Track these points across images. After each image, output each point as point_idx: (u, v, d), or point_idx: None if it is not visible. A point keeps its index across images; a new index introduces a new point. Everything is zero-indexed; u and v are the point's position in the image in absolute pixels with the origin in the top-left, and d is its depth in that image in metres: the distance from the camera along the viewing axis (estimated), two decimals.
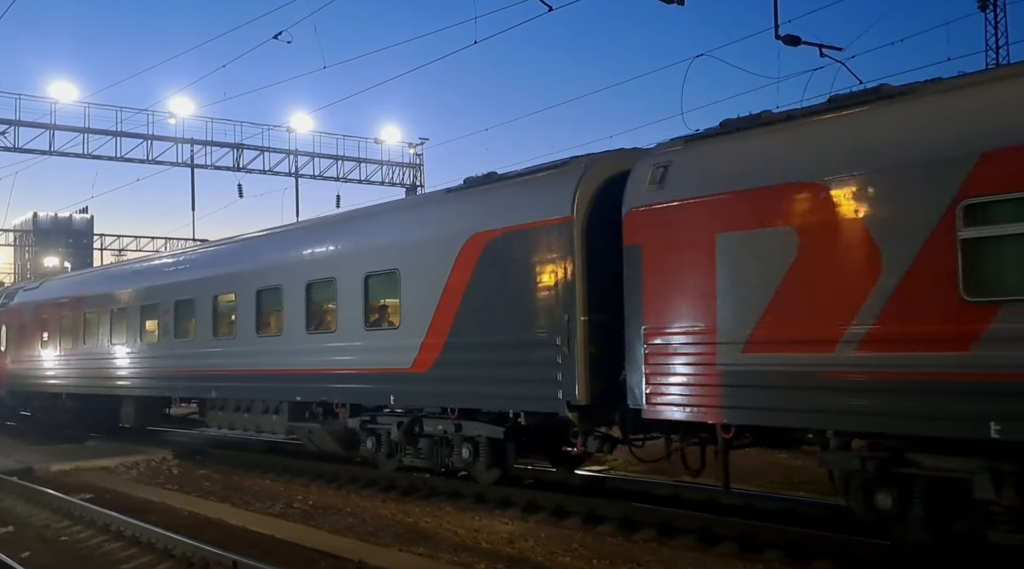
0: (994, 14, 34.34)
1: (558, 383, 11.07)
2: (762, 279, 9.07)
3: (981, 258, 7.59)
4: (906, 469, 8.37)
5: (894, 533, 8.68)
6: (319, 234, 16.16)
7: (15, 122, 33.03)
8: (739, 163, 9.65)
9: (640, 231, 10.31)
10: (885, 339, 8.11)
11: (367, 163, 41.50)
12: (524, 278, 11.65)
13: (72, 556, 10.47)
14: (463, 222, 12.72)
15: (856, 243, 8.37)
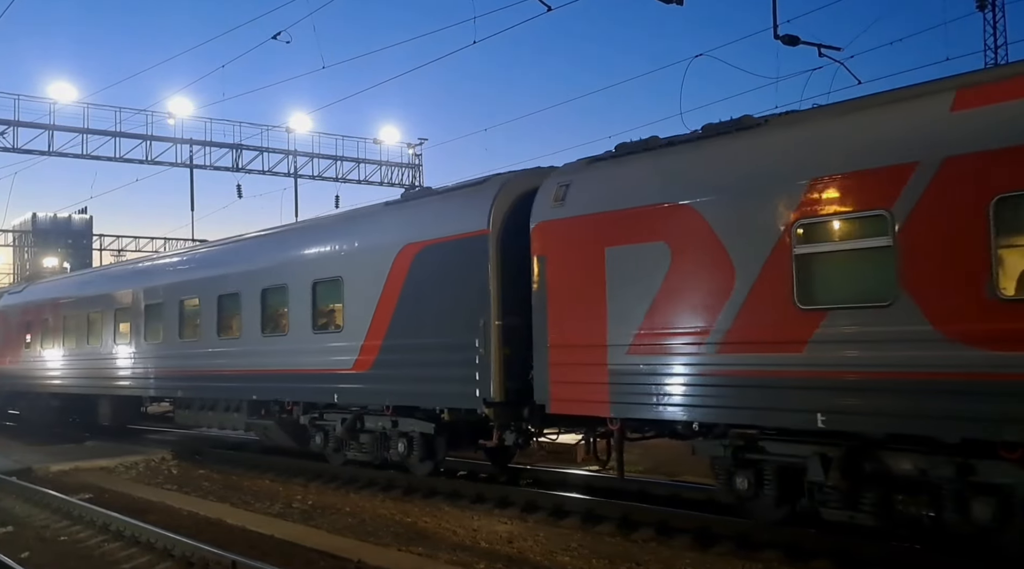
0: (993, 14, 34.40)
1: (476, 382, 12.18)
2: (643, 288, 10.30)
3: (811, 271, 8.87)
4: (757, 455, 9.59)
5: (751, 512, 9.94)
6: (273, 244, 17.26)
7: (14, 122, 33.03)
8: (625, 184, 10.91)
9: (545, 243, 11.54)
10: (739, 341, 9.38)
11: (366, 163, 41.51)
12: (448, 285, 12.79)
13: (72, 556, 10.47)
14: (396, 234, 13.89)
15: (715, 258, 9.60)
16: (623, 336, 10.50)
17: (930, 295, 7.98)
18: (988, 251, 7.62)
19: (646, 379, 10.29)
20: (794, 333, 8.86)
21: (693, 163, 10.34)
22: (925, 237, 8.05)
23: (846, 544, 9.06)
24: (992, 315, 7.56)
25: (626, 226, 10.57)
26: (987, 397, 7.55)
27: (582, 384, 10.99)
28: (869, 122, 8.92)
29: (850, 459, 8.68)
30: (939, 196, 7.97)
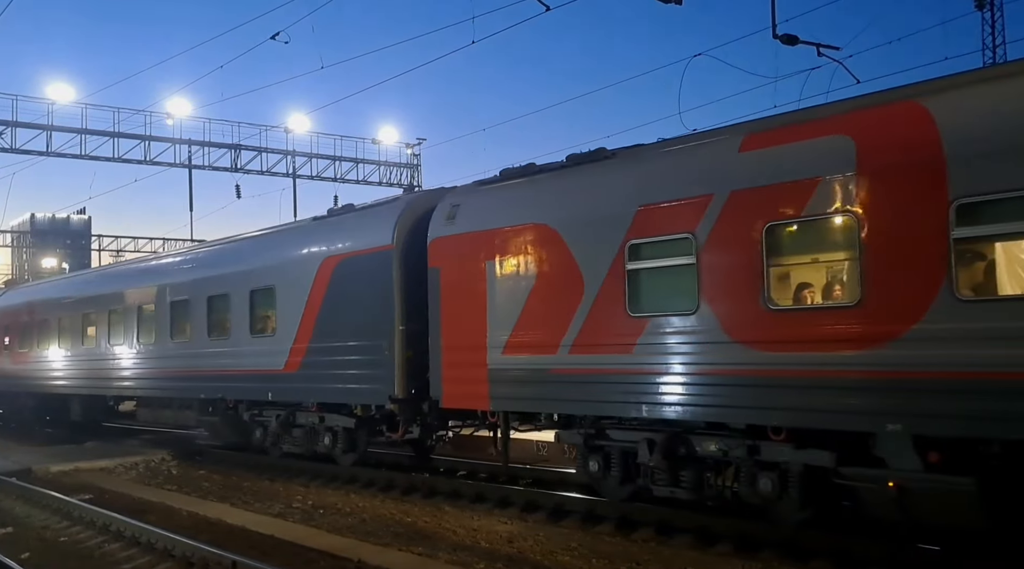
0: (991, 13, 34.42)
1: (383, 381, 13.73)
2: (515, 297, 11.88)
3: (638, 285, 10.50)
4: (603, 442, 11.28)
5: (602, 491, 11.57)
6: (218, 255, 19.02)
7: (12, 123, 32.99)
8: (503, 206, 12.55)
9: (439, 257, 13.05)
10: (586, 344, 10.96)
11: (365, 163, 41.48)
12: (360, 294, 14.24)
13: (72, 556, 10.48)
14: (319, 247, 15.40)
15: (569, 272, 11.21)
16: (499, 339, 12.08)
17: (722, 305, 9.63)
18: (762, 269, 9.22)
19: (517, 377, 11.90)
20: (626, 337, 10.51)
21: (555, 190, 11.98)
22: (718, 257, 9.71)
23: (846, 543, 9.09)
24: (765, 322, 9.20)
25: (504, 243, 12.15)
26: (761, 389, 9.26)
27: (468, 382, 12.51)
28: (682, 159, 10.72)
29: (669, 443, 10.36)
30: (727, 223, 9.60)
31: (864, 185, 8.53)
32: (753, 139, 9.79)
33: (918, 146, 8.27)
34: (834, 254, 9.26)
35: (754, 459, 9.60)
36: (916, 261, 8.14)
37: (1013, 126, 7.72)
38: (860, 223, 8.52)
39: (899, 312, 8.22)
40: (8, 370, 26.83)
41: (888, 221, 8.36)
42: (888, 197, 8.38)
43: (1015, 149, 7.57)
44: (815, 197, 8.86)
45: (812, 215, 8.97)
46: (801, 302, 9.36)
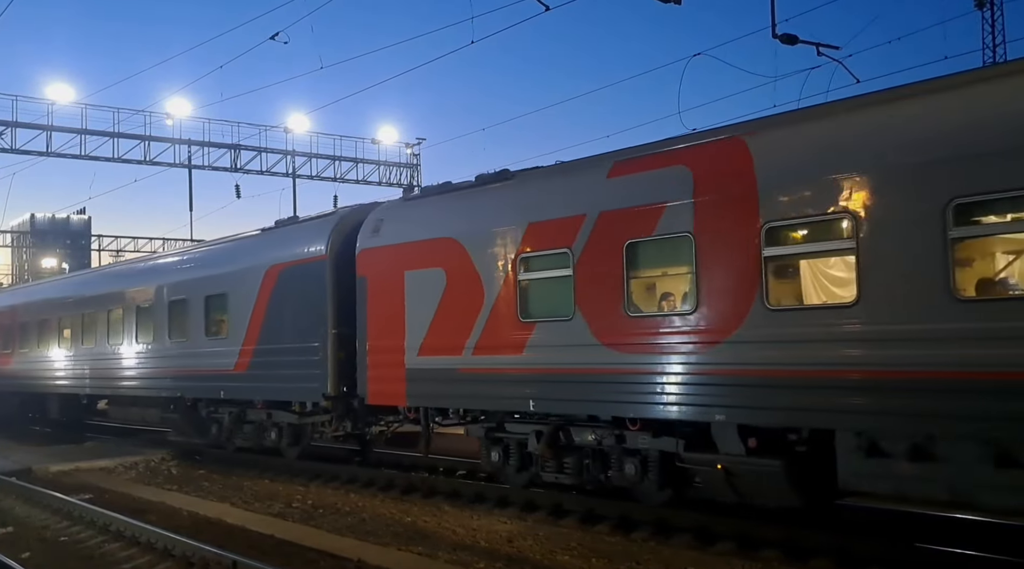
0: (991, 12, 34.42)
1: (318, 379, 14.93)
2: (428, 304, 13.06)
3: (528, 293, 11.84)
4: (502, 434, 12.59)
5: (504, 479, 12.87)
6: (179, 263, 20.51)
7: (12, 123, 32.96)
8: (420, 221, 13.82)
9: (365, 266, 14.26)
10: (486, 346, 12.23)
11: (364, 163, 41.44)
12: (299, 300, 15.50)
13: (72, 556, 10.49)
14: (265, 256, 16.67)
15: (473, 282, 12.43)
16: (415, 342, 13.31)
17: (593, 312, 10.90)
18: (623, 281, 10.53)
19: (430, 376, 13.12)
20: (517, 340, 11.80)
21: (462, 207, 13.31)
22: (590, 269, 10.95)
23: (846, 543, 9.10)
24: (626, 327, 10.52)
25: (419, 254, 13.38)
26: (621, 386, 10.58)
27: (389, 380, 13.76)
28: (563, 182, 12.13)
29: (554, 434, 11.72)
30: (597, 240, 10.89)
31: (699, 210, 9.86)
32: (619, 167, 11.17)
33: (738, 177, 9.57)
34: (679, 268, 10.43)
35: (621, 447, 11.05)
36: (737, 276, 9.47)
37: (808, 162, 9.12)
38: (695, 242, 9.87)
39: (724, 319, 9.56)
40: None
41: (716, 241, 9.71)
42: (716, 220, 9.71)
43: (809, 181, 8.94)
44: (663, 219, 10.22)
45: (662, 234, 10.29)
46: (652, 310, 10.72)
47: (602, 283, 10.79)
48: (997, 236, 8.36)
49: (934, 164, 8.01)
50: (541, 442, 11.81)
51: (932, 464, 8.17)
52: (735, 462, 9.67)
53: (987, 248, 8.50)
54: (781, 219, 9.14)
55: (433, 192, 14.20)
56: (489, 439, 12.79)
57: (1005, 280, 8.33)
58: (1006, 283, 8.30)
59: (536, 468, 12.20)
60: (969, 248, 8.22)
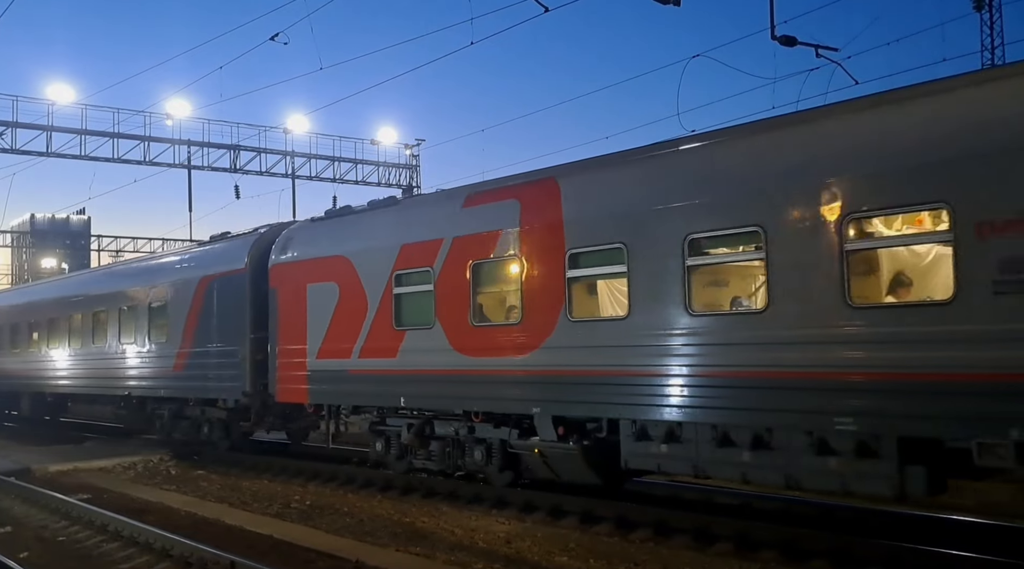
0: (990, 15, 34.42)
1: (238, 379, 16.82)
2: (325, 313, 14.84)
3: (401, 305, 13.60)
4: (383, 427, 14.36)
5: (388, 467, 14.54)
6: (129, 273, 22.97)
7: (12, 124, 32.89)
8: (319, 240, 15.68)
9: (276, 279, 16.20)
10: (368, 350, 14.03)
11: (363, 164, 41.35)
12: (224, 308, 17.40)
13: (70, 556, 10.49)
14: (198, 268, 18.80)
15: (359, 294, 14.19)
16: (315, 347, 15.10)
17: (449, 322, 12.78)
18: (470, 296, 12.47)
19: (326, 377, 14.93)
20: (392, 345, 13.62)
21: (353, 228, 15.24)
22: (446, 285, 12.82)
23: (845, 543, 9.10)
24: (472, 335, 12.44)
25: (318, 269, 15.22)
26: (468, 385, 12.50)
27: (294, 380, 15.58)
28: (428, 210, 14.24)
29: (421, 427, 13.60)
30: (452, 260, 12.76)
31: (523, 236, 11.80)
32: (470, 199, 13.19)
33: (551, 210, 11.53)
34: (510, 286, 12.23)
35: (472, 437, 12.90)
36: (550, 293, 11.38)
37: (596, 201, 11.15)
38: (521, 264, 11.77)
39: (541, 329, 11.48)
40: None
41: (535, 263, 11.65)
42: (535, 246, 11.65)
43: (597, 217, 10.94)
44: (499, 243, 12.13)
45: (498, 256, 12.23)
46: (491, 321, 12.50)
47: (455, 297, 12.71)
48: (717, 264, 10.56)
49: (674, 210, 10.17)
50: (410, 433, 13.72)
51: (679, 444, 10.14)
52: (547, 447, 11.75)
53: (712, 274, 10.60)
54: (579, 246, 11.13)
55: (334, 214, 16.25)
56: (373, 432, 14.67)
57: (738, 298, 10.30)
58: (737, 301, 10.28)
59: (410, 456, 14.06)
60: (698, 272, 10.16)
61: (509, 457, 12.56)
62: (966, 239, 7.76)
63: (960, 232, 7.80)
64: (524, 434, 12.09)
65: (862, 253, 8.76)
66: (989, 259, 7.63)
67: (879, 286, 8.92)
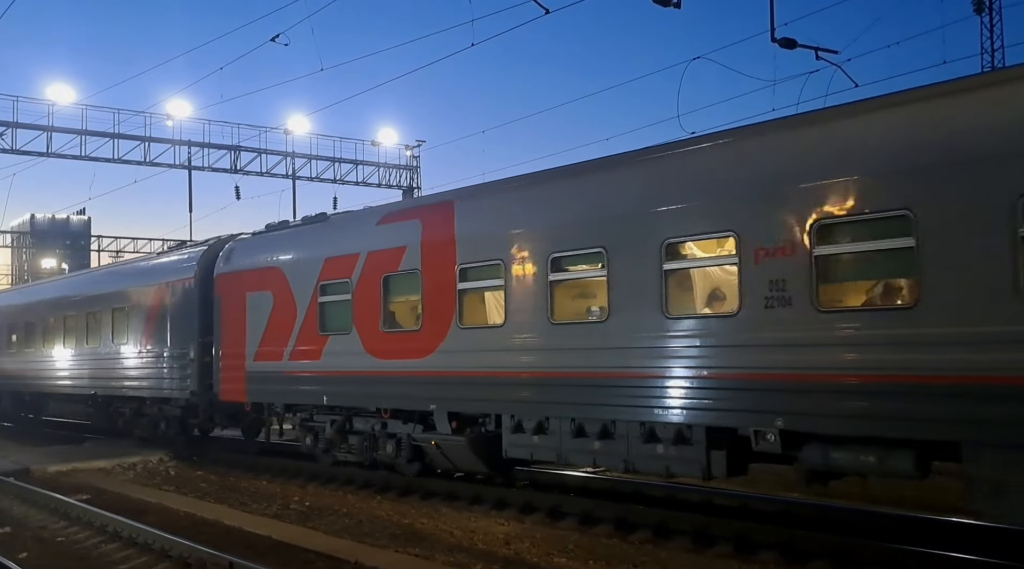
0: (990, 17, 34.41)
1: (188, 379, 18.38)
2: (262, 319, 16.24)
3: (324, 312, 14.94)
4: (311, 423, 15.78)
5: (317, 459, 15.89)
6: (93, 281, 24.50)
7: (13, 124, 32.88)
8: (257, 252, 17.07)
9: (219, 288, 17.65)
10: (298, 353, 15.42)
11: (364, 165, 41.34)
12: (176, 313, 18.98)
13: (69, 557, 10.48)
14: (154, 276, 20.40)
15: (290, 302, 15.61)
16: (252, 350, 16.47)
17: (364, 328, 14.13)
18: (382, 305, 13.79)
19: (262, 377, 16.30)
20: (317, 349, 15.03)
21: (285, 242, 16.59)
22: (362, 295, 14.15)
23: (845, 544, 9.10)
24: (382, 340, 13.79)
25: (256, 279, 16.58)
26: (380, 384, 13.90)
27: (235, 381, 16.96)
28: (349, 227, 15.57)
29: (342, 423, 14.98)
30: (367, 273, 14.12)
31: (424, 252, 13.19)
32: (384, 218, 14.58)
33: (446, 230, 12.99)
34: (414, 296, 13.45)
35: (385, 431, 14.22)
36: (446, 303, 12.75)
37: (481, 222, 12.72)
38: (422, 276, 13.17)
39: (437, 334, 12.86)
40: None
41: (433, 276, 13.01)
42: (433, 261, 13.04)
43: (481, 236, 12.46)
44: (405, 258, 13.50)
45: (403, 270, 13.54)
46: (397, 327, 13.80)
47: (369, 306, 14.04)
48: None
49: (541, 233, 11.64)
50: (332, 429, 15.11)
51: (547, 436, 11.49)
52: (442, 440, 13.15)
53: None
54: (468, 262, 12.53)
55: (273, 228, 17.58)
56: (304, 428, 15.92)
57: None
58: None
59: (334, 450, 15.29)
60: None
61: (415, 449, 13.85)
62: (748, 262, 9.28)
63: (744, 256, 9.33)
64: (428, 429, 13.44)
65: (676, 273, 10.31)
66: (762, 279, 9.10)
67: (692, 300, 10.49)
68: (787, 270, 8.95)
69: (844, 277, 9.06)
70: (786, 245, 8.97)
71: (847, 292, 9.06)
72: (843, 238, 8.75)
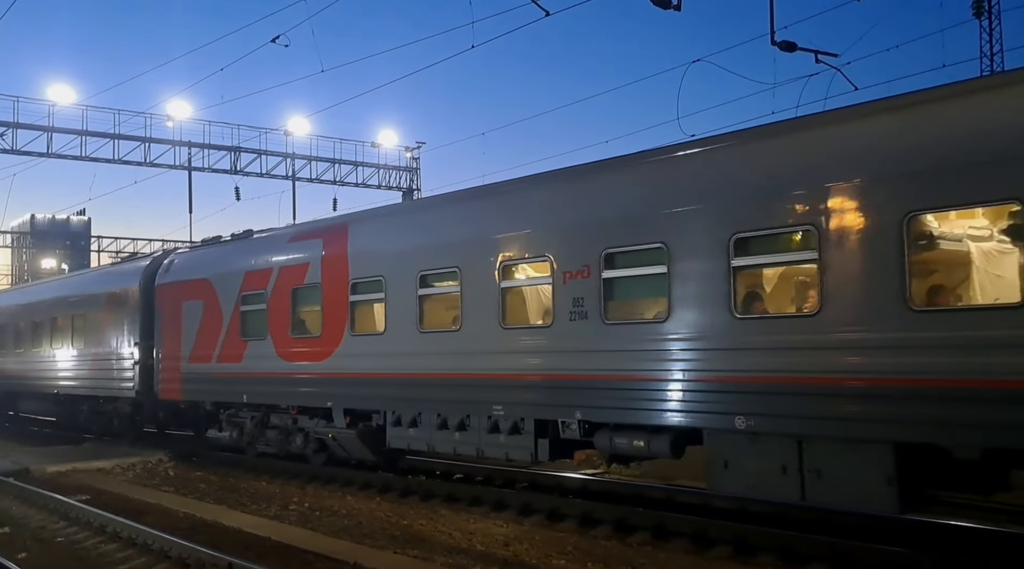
0: (989, 21, 34.43)
1: (132, 380, 20.28)
2: (194, 326, 18.16)
3: (246, 320, 16.79)
4: (236, 419, 17.68)
5: (242, 451, 17.80)
6: (59, 288, 26.86)
7: (13, 124, 32.90)
8: (193, 265, 19.19)
9: (160, 297, 19.63)
10: (224, 356, 17.34)
11: (364, 167, 41.36)
12: (123, 319, 20.92)
13: (69, 557, 10.49)
14: (107, 284, 22.45)
15: (217, 311, 17.54)
16: (187, 353, 18.39)
17: (276, 334, 16.03)
18: (291, 314, 15.72)
19: (194, 378, 18.22)
20: (239, 352, 16.86)
21: (214, 256, 18.70)
22: (275, 305, 16.05)
23: (843, 547, 9.11)
24: (292, 345, 15.59)
25: (190, 290, 18.53)
26: (287, 384, 15.76)
27: (172, 381, 18.94)
28: (263, 244, 17.48)
29: (261, 419, 16.93)
30: (279, 285, 15.96)
31: (324, 267, 15.01)
32: (294, 236, 16.65)
33: (341, 248, 14.82)
34: (316, 306, 15.19)
35: (296, 426, 16.12)
36: (341, 312, 14.58)
37: (368, 243, 14.64)
38: (322, 289, 14.98)
39: (333, 340, 14.63)
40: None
41: (330, 289, 14.80)
42: (331, 275, 14.81)
43: (369, 254, 14.40)
44: (309, 273, 15.30)
45: (308, 283, 15.31)
46: (303, 334, 15.48)
47: (280, 314, 15.83)
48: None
49: (414, 252, 13.53)
50: (251, 424, 17.04)
51: (418, 428, 13.38)
52: (337, 432, 15.02)
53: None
54: (358, 277, 14.33)
55: (210, 243, 19.64)
56: (230, 423, 17.80)
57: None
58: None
59: (256, 442, 17.15)
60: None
61: (320, 442, 15.70)
62: (559, 281, 11.19)
63: (556, 277, 11.26)
64: (330, 424, 15.23)
65: (511, 290, 12.17)
66: (568, 296, 11.01)
67: (525, 313, 12.24)
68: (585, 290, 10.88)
69: (622, 296, 10.96)
70: (584, 269, 10.94)
71: (625, 308, 10.98)
72: (621, 264, 10.70)
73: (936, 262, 8.51)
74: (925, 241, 8.33)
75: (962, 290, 8.44)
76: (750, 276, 9.67)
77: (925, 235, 8.32)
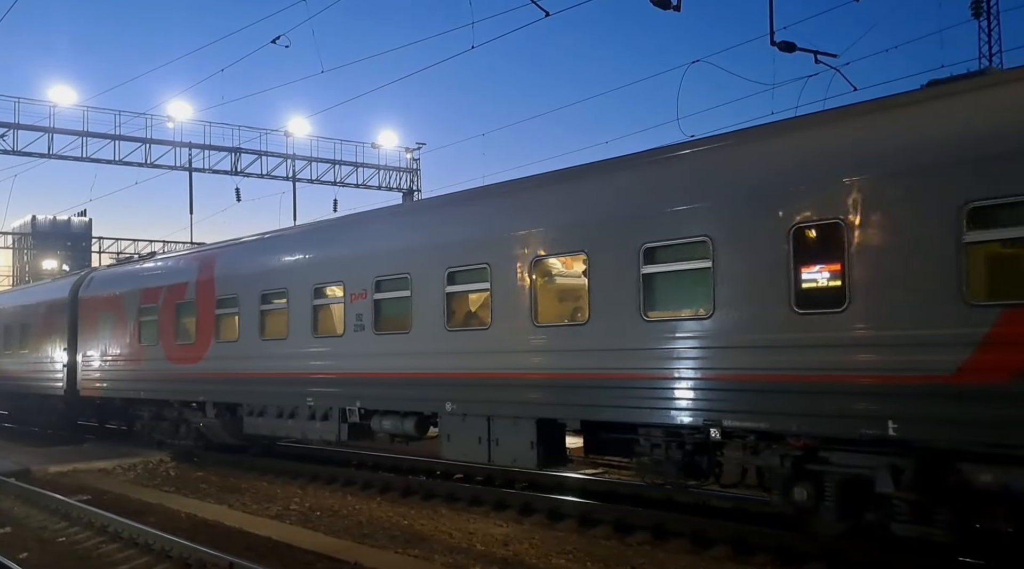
0: (988, 22, 34.43)
1: (62, 379, 22.83)
2: (107, 333, 21.14)
3: (141, 328, 19.89)
4: (139, 412, 20.48)
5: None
6: (14, 297, 29.88)
7: (14, 125, 32.96)
8: (107, 282, 22.36)
9: (82, 308, 22.53)
10: (128, 359, 20.31)
11: (364, 167, 41.41)
12: (58, 327, 23.56)
13: (70, 557, 10.53)
14: (47, 295, 25.33)
15: (124, 320, 20.39)
16: (101, 355, 21.24)
17: (165, 341, 18.88)
18: (175, 324, 18.59)
19: (108, 377, 21.02)
20: (140, 356, 19.77)
21: (123, 275, 21.82)
22: (164, 316, 19.02)
23: (841, 547, 9.14)
24: (176, 349, 18.41)
25: (103, 302, 21.47)
26: (173, 382, 18.54)
27: (90, 381, 21.77)
28: (159, 265, 20.79)
29: (157, 412, 19.59)
30: (166, 300, 18.98)
31: (198, 287, 18.01)
32: (177, 260, 20.17)
33: (210, 272, 17.78)
34: (191, 318, 18.21)
35: (182, 418, 18.78)
36: (209, 323, 17.63)
37: (228, 269, 17.55)
38: (197, 304, 17.99)
39: (205, 346, 17.51)
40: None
41: (202, 304, 17.92)
42: (203, 293, 17.89)
43: (229, 278, 17.27)
44: (187, 290, 18.33)
45: (187, 300, 18.29)
46: (183, 340, 18.27)
47: (168, 324, 18.84)
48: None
49: (255, 276, 16.66)
50: (148, 417, 19.81)
51: (263, 418, 16.40)
52: (207, 422, 17.91)
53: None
54: (222, 295, 17.28)
55: (124, 262, 22.54)
56: (133, 415, 20.70)
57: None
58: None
59: (153, 433, 19.80)
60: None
61: (198, 430, 18.35)
62: (348, 302, 14.30)
63: (346, 298, 14.29)
64: (206, 416, 17.92)
65: (321, 308, 15.17)
66: (353, 312, 14.12)
67: (332, 324, 14.97)
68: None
69: (388, 313, 13.78)
70: (363, 293, 14.08)
71: (390, 322, 13.71)
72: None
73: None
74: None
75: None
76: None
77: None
